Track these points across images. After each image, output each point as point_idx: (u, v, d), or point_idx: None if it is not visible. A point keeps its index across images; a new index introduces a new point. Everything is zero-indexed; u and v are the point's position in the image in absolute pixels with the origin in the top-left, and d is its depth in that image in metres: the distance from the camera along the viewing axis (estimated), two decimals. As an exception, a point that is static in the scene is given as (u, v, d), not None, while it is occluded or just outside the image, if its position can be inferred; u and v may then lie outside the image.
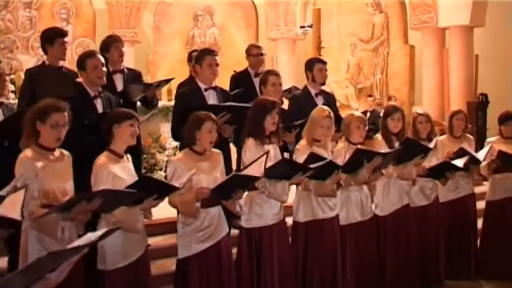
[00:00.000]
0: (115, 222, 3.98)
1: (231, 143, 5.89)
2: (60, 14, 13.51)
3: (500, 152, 6.16)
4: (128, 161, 4.35)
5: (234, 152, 5.96)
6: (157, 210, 4.41)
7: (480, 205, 6.72)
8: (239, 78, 6.96)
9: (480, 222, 6.64)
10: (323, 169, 4.87)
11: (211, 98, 5.61)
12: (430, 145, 5.76)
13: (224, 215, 4.71)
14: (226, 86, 6.48)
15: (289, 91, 6.87)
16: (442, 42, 13.56)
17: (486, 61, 13.25)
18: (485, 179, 7.09)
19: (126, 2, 13.71)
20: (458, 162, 5.92)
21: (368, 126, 5.58)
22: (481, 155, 6.19)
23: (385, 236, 5.72)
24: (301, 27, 13.48)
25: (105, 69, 5.13)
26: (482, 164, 6.26)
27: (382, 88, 14.64)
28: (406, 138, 5.72)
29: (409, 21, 13.96)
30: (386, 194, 5.75)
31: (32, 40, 12.93)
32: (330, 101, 6.29)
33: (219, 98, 5.64)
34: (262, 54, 7.01)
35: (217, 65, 5.61)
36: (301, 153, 5.09)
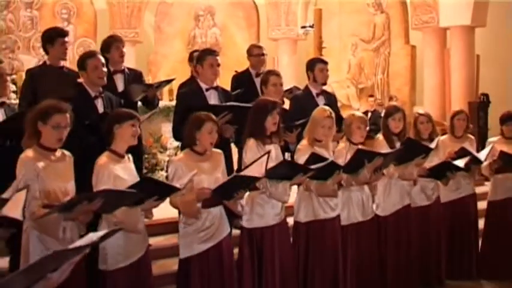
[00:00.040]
0: (116, 222, 3.98)
1: (232, 143, 5.89)
2: (61, 14, 13.53)
3: (501, 153, 6.16)
4: (129, 161, 4.34)
5: (235, 152, 5.96)
6: (159, 210, 4.41)
7: (482, 205, 6.72)
8: (240, 79, 6.95)
9: (481, 223, 6.64)
10: (324, 169, 4.87)
11: (212, 98, 5.61)
12: (431, 145, 5.76)
13: (226, 215, 4.71)
14: (228, 86, 6.47)
15: (290, 91, 6.86)
16: (443, 42, 13.56)
17: (487, 61, 13.25)
18: (487, 179, 7.09)
19: (127, 2, 13.73)
20: (459, 163, 5.92)
21: (369, 127, 5.58)
22: (482, 155, 6.19)
23: (386, 236, 5.72)
24: (303, 28, 13.49)
25: (105, 70, 5.12)
26: (484, 164, 6.26)
27: (383, 88, 14.64)
28: (407, 138, 5.72)
29: (410, 21, 13.95)
30: (388, 194, 5.75)
31: (33, 40, 12.94)
32: (331, 101, 6.28)
33: (220, 98, 5.63)
34: (263, 54, 7.00)
35: (218, 65, 5.61)
36: (302, 153, 5.09)
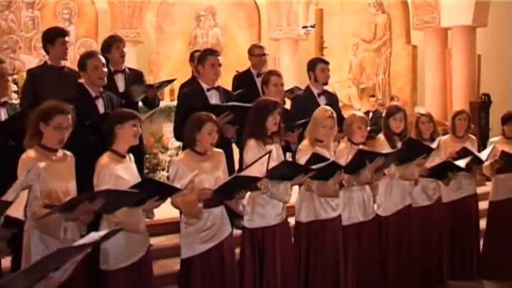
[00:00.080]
0: (117, 222, 3.98)
1: (234, 143, 5.89)
2: (62, 14, 13.53)
3: (503, 153, 6.16)
4: (131, 160, 4.34)
5: (236, 152, 5.95)
6: (160, 210, 4.41)
7: (483, 205, 6.72)
8: (241, 79, 6.95)
9: (483, 223, 6.64)
10: (325, 169, 4.87)
11: (213, 98, 5.60)
12: (433, 145, 5.76)
13: (227, 215, 4.71)
14: (229, 86, 6.48)
15: (291, 91, 6.86)
16: (445, 42, 13.55)
17: (489, 61, 13.24)
18: (488, 179, 7.09)
19: (128, 2, 13.72)
20: (460, 163, 5.92)
21: (370, 127, 5.58)
22: (483, 155, 6.19)
23: (388, 236, 5.72)
24: (304, 28, 13.47)
25: (106, 70, 5.12)
26: (485, 164, 6.26)
27: (384, 88, 14.62)
28: (409, 138, 5.72)
29: (412, 22, 13.93)
30: (389, 194, 5.74)
31: (35, 40, 12.94)
32: (332, 101, 6.28)
33: (222, 98, 5.63)
34: (264, 54, 7.00)
35: (219, 65, 5.60)
36: (303, 153, 5.08)
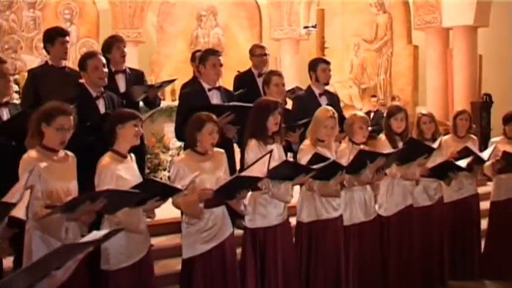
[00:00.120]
0: (118, 223, 3.98)
1: (235, 144, 5.88)
2: (64, 14, 13.52)
3: (505, 153, 6.15)
4: (132, 160, 4.34)
5: (237, 152, 5.95)
6: (161, 210, 4.40)
7: (484, 205, 6.71)
8: (243, 79, 6.96)
9: (484, 223, 6.63)
10: (327, 169, 4.87)
11: (214, 98, 5.60)
12: (434, 145, 5.75)
13: (228, 215, 4.71)
14: (230, 86, 6.48)
15: (292, 91, 6.87)
16: (446, 42, 13.53)
17: (490, 61, 13.22)
18: (490, 180, 7.08)
19: (129, 2, 13.70)
20: (461, 163, 5.91)
21: (372, 127, 5.57)
22: (485, 154, 6.18)
23: (389, 236, 5.72)
24: (305, 28, 13.42)
25: (106, 70, 5.12)
26: (486, 164, 6.25)
27: (385, 88, 14.61)
28: (410, 138, 5.72)
29: (413, 22, 13.92)
30: (390, 194, 5.74)
31: (36, 40, 12.92)
32: (333, 101, 6.29)
33: (223, 98, 5.63)
34: (265, 54, 7.01)
35: (220, 65, 5.60)
36: (305, 153, 5.08)
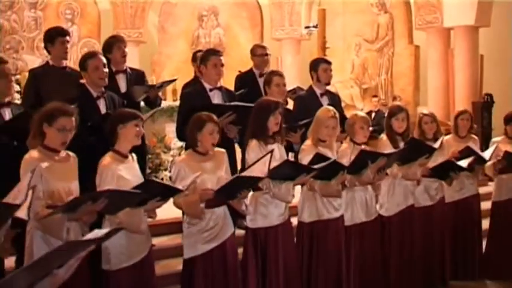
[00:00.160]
0: (119, 223, 3.98)
1: (236, 144, 5.88)
2: (65, 14, 13.52)
3: (506, 153, 6.15)
4: (133, 160, 4.34)
5: (238, 153, 5.95)
6: (162, 210, 4.41)
7: (485, 205, 6.71)
8: (244, 79, 6.96)
9: (485, 223, 6.63)
10: (328, 169, 4.86)
11: (216, 98, 5.61)
12: (435, 145, 5.75)
13: (230, 215, 4.71)
14: (231, 86, 6.48)
15: (293, 91, 6.87)
16: (447, 42, 13.52)
17: (491, 61, 13.21)
18: (491, 180, 7.08)
19: (131, 2, 13.70)
20: (463, 163, 5.91)
21: (373, 127, 5.57)
22: (486, 154, 6.18)
23: (390, 236, 5.72)
24: (306, 28, 13.42)
25: (106, 70, 5.12)
26: (487, 164, 6.24)
27: (387, 88, 14.60)
28: (411, 138, 5.72)
29: (414, 22, 13.91)
30: (391, 194, 5.74)
31: (37, 40, 12.91)
32: (335, 101, 6.29)
33: (224, 98, 5.63)
34: (267, 54, 7.01)
35: (222, 65, 5.60)
36: (306, 153, 5.09)
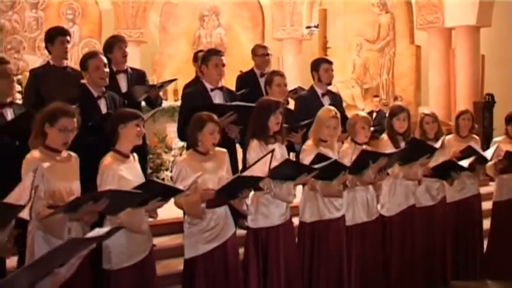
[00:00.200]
0: (120, 223, 3.98)
1: (237, 143, 5.88)
2: (66, 14, 13.54)
3: (507, 153, 6.14)
4: (135, 160, 4.34)
5: (240, 153, 5.95)
6: (163, 210, 4.40)
7: (486, 205, 6.70)
8: (245, 79, 6.96)
9: (486, 223, 6.63)
10: (329, 169, 4.86)
11: (217, 98, 5.61)
12: (436, 145, 5.75)
13: (231, 215, 4.71)
14: (232, 86, 6.48)
15: (294, 92, 6.86)
16: (449, 42, 13.53)
17: (492, 61, 13.21)
18: (492, 180, 7.08)
19: (132, 2, 13.72)
20: (464, 163, 5.91)
21: (374, 127, 5.57)
22: (487, 154, 6.17)
23: (391, 236, 5.72)
24: (307, 28, 13.45)
25: (107, 70, 5.13)
26: (488, 164, 6.24)
27: (388, 88, 14.61)
28: (412, 138, 5.71)
29: (415, 22, 13.92)
30: (393, 194, 5.74)
31: (39, 41, 12.92)
32: (336, 101, 6.28)
33: (225, 98, 5.63)
34: (268, 54, 7.01)
35: (223, 65, 5.60)
36: (307, 153, 5.08)
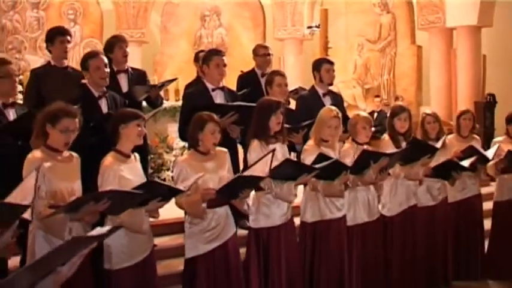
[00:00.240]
0: (121, 223, 3.98)
1: (238, 143, 5.89)
2: (67, 14, 13.56)
3: (508, 152, 6.14)
4: (136, 160, 4.34)
5: (241, 153, 5.95)
6: (164, 210, 4.41)
7: (487, 206, 6.70)
8: (246, 79, 6.96)
9: (487, 223, 6.62)
10: (330, 169, 4.86)
11: (218, 98, 5.61)
12: (437, 145, 5.75)
13: (232, 215, 4.71)
14: (234, 86, 6.48)
15: (295, 92, 6.86)
16: (450, 42, 13.53)
17: (494, 61, 13.22)
18: (493, 180, 7.07)
19: (133, 2, 13.73)
20: (465, 162, 5.90)
21: (375, 127, 5.57)
22: (488, 154, 6.17)
23: (392, 237, 5.71)
24: (309, 28, 13.46)
25: (108, 70, 5.13)
26: (489, 164, 6.23)
27: (389, 88, 14.61)
28: (413, 138, 5.71)
29: (417, 22, 13.92)
30: (394, 194, 5.74)
31: (40, 40, 12.93)
32: (337, 101, 6.28)
33: (227, 98, 5.64)
34: (269, 54, 7.01)
35: (224, 65, 5.61)
36: (309, 153, 5.08)
